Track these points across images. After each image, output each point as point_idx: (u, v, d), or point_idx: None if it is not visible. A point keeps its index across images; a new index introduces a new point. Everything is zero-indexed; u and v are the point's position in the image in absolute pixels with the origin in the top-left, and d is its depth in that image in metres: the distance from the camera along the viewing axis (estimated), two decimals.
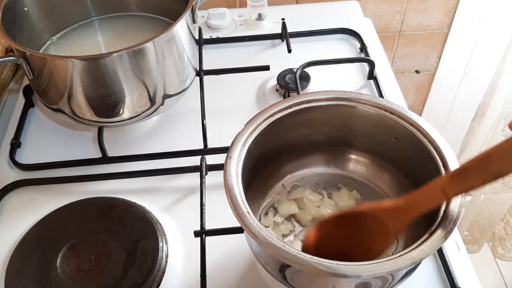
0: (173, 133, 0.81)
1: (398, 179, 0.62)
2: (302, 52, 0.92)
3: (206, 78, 0.83)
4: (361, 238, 0.52)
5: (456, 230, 0.65)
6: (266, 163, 0.62)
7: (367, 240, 0.52)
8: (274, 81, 0.86)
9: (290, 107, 0.59)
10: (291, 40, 0.92)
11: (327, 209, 0.62)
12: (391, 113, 0.58)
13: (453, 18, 1.20)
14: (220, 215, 0.61)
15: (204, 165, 0.70)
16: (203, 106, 0.79)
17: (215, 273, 0.62)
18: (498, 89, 1.29)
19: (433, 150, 0.54)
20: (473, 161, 0.44)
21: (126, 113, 0.72)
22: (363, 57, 0.91)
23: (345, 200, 0.63)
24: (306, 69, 0.86)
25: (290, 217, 0.63)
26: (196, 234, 0.62)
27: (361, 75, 0.90)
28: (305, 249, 0.53)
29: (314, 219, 0.62)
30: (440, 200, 0.47)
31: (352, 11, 1.05)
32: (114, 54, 0.64)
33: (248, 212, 0.48)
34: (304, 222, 0.62)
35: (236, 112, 0.83)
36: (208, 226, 0.63)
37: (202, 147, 0.75)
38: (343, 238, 0.53)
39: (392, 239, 0.50)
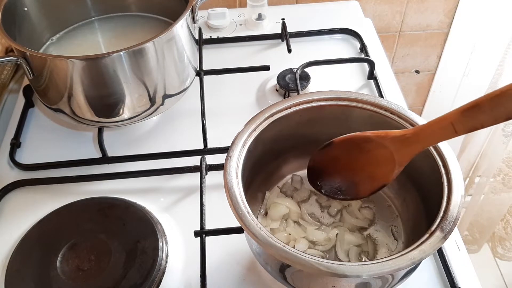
0: (173, 133, 0.81)
1: (398, 178, 0.62)
2: (302, 52, 0.92)
3: (206, 78, 0.83)
4: (366, 163, 0.52)
5: (456, 230, 0.66)
6: (266, 163, 0.62)
7: (371, 166, 0.52)
8: (274, 81, 0.86)
9: (290, 107, 0.59)
10: (291, 40, 0.92)
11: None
12: (391, 113, 0.58)
13: (453, 18, 1.20)
14: (220, 215, 0.61)
15: (204, 165, 0.70)
16: (203, 106, 0.79)
17: (215, 273, 0.62)
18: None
19: (433, 150, 0.54)
20: (486, 97, 0.42)
21: (126, 113, 0.72)
22: (363, 57, 0.91)
23: None
24: (306, 69, 0.86)
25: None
26: (196, 234, 0.62)
27: (361, 75, 0.90)
28: (310, 171, 0.55)
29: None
30: (449, 135, 0.46)
31: (352, 11, 1.05)
32: (114, 54, 0.64)
33: (248, 212, 0.48)
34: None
35: (236, 112, 0.83)
36: (208, 226, 0.63)
37: (202, 147, 0.75)
38: (349, 161, 0.53)
39: (396, 169, 0.50)
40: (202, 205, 0.65)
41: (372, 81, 0.88)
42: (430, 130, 0.47)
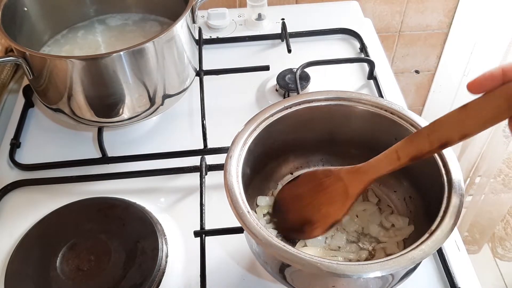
0: (173, 133, 0.81)
1: (398, 179, 0.62)
2: (302, 52, 0.92)
3: (206, 78, 0.83)
4: (324, 202, 0.56)
5: (456, 230, 0.66)
6: (266, 163, 0.62)
7: (328, 205, 0.56)
8: (274, 81, 0.86)
9: (290, 107, 0.59)
10: (291, 40, 0.92)
11: None
12: (391, 113, 0.58)
13: (453, 18, 1.20)
14: (220, 215, 0.61)
15: (204, 165, 0.70)
16: (203, 106, 0.79)
17: (215, 273, 0.62)
18: None
19: None
20: (424, 127, 0.49)
21: (126, 113, 0.72)
22: (363, 57, 0.91)
23: None
24: (306, 69, 0.86)
25: None
26: (196, 234, 0.62)
27: (361, 75, 0.90)
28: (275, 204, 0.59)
29: None
30: (393, 162, 0.50)
31: (352, 11, 1.05)
32: (114, 54, 0.64)
33: (248, 212, 0.48)
34: None
35: (236, 112, 0.83)
36: (208, 226, 0.63)
37: (202, 147, 0.75)
38: (309, 200, 0.57)
39: (347, 202, 0.54)
40: (202, 205, 0.65)
41: (372, 81, 0.88)
42: (378, 159, 0.52)
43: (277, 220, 0.59)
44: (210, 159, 0.73)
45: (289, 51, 0.89)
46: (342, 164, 0.65)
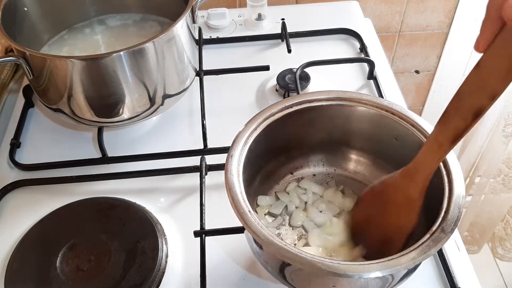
0: (173, 133, 0.81)
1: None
2: (302, 52, 0.92)
3: (206, 78, 0.83)
4: (392, 214, 0.54)
5: (456, 230, 0.65)
6: (266, 163, 0.62)
7: (395, 214, 0.54)
8: (274, 81, 0.86)
9: (291, 106, 0.59)
10: (291, 40, 0.92)
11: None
12: (391, 113, 0.58)
13: (453, 18, 1.20)
14: (220, 215, 0.61)
15: (204, 165, 0.70)
16: (203, 106, 0.79)
17: (215, 273, 0.62)
18: None
19: None
20: (448, 104, 0.45)
21: (126, 113, 0.72)
22: (363, 57, 0.91)
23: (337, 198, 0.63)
24: (306, 69, 0.86)
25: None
26: (196, 234, 0.62)
27: (361, 75, 0.90)
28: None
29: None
30: (436, 151, 0.47)
31: (352, 11, 1.05)
32: (114, 54, 0.64)
33: (249, 211, 0.48)
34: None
35: (236, 112, 0.83)
36: (208, 226, 0.63)
37: (202, 147, 0.75)
38: (377, 216, 0.56)
39: (414, 205, 0.51)
40: (202, 205, 0.65)
41: (372, 81, 0.88)
42: (423, 154, 0.49)
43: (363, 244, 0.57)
44: (210, 159, 0.73)
45: (289, 51, 0.89)
46: (342, 164, 0.66)
